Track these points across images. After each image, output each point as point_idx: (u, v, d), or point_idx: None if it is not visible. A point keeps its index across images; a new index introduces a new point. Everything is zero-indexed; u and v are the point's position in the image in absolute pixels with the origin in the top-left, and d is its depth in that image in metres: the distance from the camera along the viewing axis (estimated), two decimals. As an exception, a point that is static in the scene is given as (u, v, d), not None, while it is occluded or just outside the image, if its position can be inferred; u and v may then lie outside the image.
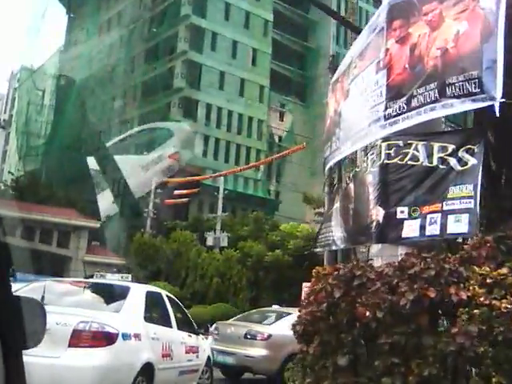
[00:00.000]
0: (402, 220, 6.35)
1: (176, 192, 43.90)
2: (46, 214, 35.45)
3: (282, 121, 60.34)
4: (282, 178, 57.71)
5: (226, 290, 33.97)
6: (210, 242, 39.75)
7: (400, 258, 6.48)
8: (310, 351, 6.06)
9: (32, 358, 1.96)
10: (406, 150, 6.50)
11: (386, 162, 6.70)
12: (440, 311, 5.26)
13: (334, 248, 8.71)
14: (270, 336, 11.16)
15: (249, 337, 11.20)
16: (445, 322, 5.26)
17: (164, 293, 8.80)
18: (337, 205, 8.70)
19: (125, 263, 38.43)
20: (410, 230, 6.22)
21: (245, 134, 55.64)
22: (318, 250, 9.64)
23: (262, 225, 36.84)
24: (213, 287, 33.71)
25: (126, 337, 6.51)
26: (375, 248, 6.82)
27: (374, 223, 6.75)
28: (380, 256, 6.16)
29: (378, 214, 6.69)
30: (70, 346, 6.03)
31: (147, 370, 6.82)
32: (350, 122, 7.72)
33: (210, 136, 53.97)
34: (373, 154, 7.11)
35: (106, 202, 44.94)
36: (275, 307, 22.58)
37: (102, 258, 37.55)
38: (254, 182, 55.04)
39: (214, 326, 12.69)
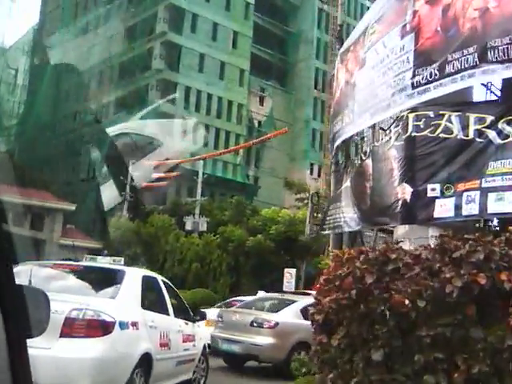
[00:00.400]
0: (434, 198, 5.74)
1: (154, 175, 42.91)
2: (19, 195, 34.19)
3: (262, 105, 59.53)
4: (261, 163, 57.07)
5: (206, 274, 33.41)
6: (188, 226, 38.99)
7: (431, 241, 5.88)
8: (333, 343, 5.41)
9: None
10: (438, 122, 5.88)
11: (414, 134, 6.08)
12: (489, 300, 4.66)
13: (346, 230, 8.11)
14: (277, 324, 10.99)
15: (255, 325, 10.94)
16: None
17: (160, 277, 8.20)
18: (346, 184, 8.08)
19: (101, 247, 37.50)
20: (444, 209, 5.62)
21: (224, 117, 54.71)
22: (326, 232, 9.03)
23: (243, 209, 36.18)
24: (192, 272, 33.08)
25: (123, 325, 5.97)
26: (401, 230, 6.22)
27: (400, 202, 6.14)
28: (407, 239, 5.51)
29: (404, 192, 6.07)
30: (61, 335, 5.46)
31: (145, 360, 6.32)
32: (368, 93, 7.08)
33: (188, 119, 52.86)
34: (398, 126, 6.46)
35: (109, 192, 43.37)
36: (261, 293, 22.12)
37: (77, 242, 36.49)
38: (232, 167, 54.25)
39: (217, 313, 12.40)
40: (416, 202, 5.97)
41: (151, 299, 7.43)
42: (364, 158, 7.35)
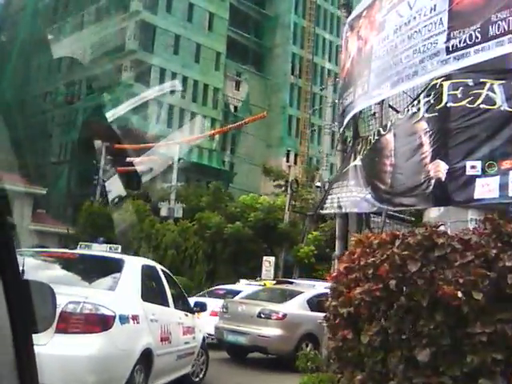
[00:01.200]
0: (474, 177, 5.07)
1: (128, 159, 41.69)
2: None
3: (238, 90, 58.54)
4: (236, 149, 56.20)
5: (182, 262, 32.56)
6: (163, 212, 38.05)
7: (471, 225, 5.20)
8: (362, 340, 4.70)
9: None
10: (478, 91, 5.19)
11: (449, 105, 5.38)
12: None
13: (355, 210, 7.41)
14: (285, 315, 10.83)
15: (263, 316, 10.80)
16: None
17: (159, 266, 7.70)
18: (356, 163, 7.37)
19: (73, 233, 36.38)
20: (486, 189, 4.94)
21: (200, 101, 53.58)
22: (326, 211, 8.34)
23: (221, 196, 35.38)
24: (167, 259, 32.10)
25: (123, 320, 5.54)
26: (433, 213, 5.55)
27: (433, 181, 5.44)
28: (441, 222, 4.81)
29: (437, 169, 5.37)
30: (57, 331, 4.93)
31: (146, 356, 5.91)
32: (388, 60, 6.34)
33: (163, 102, 51.63)
34: (429, 95, 5.74)
35: (115, 187, 41.85)
36: (243, 282, 21.45)
37: (48, 227, 35.27)
38: (208, 153, 53.26)
39: (222, 303, 11.99)
40: (452, 182, 5.29)
41: (151, 290, 6.97)
42: (383, 132, 6.62)
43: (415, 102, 6.01)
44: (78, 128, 50.06)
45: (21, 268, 4.51)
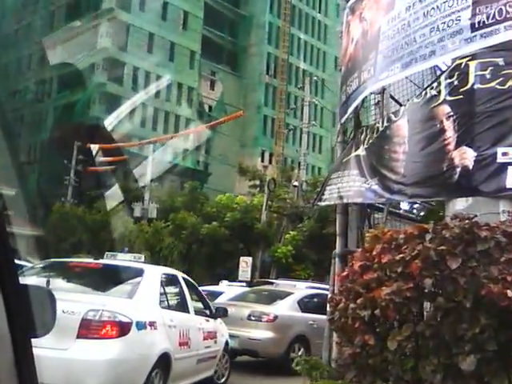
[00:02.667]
0: (506, 165, 4.60)
1: (100, 159, 40.65)
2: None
3: (213, 90, 57.88)
4: (211, 149, 55.48)
5: (156, 263, 31.69)
6: (137, 212, 37.24)
7: (503, 217, 4.72)
8: (389, 346, 4.17)
9: (37, 349, 1.62)
10: (510, 71, 4.73)
11: (477, 86, 4.91)
12: None
13: (360, 201, 6.91)
14: (276, 317, 10.54)
15: (253, 318, 10.51)
16: None
17: (180, 274, 7.99)
18: (358, 152, 6.87)
19: (42, 235, 35.27)
20: (520, 178, 4.49)
21: (174, 100, 52.73)
22: (324, 203, 7.83)
23: (197, 195, 34.71)
24: (141, 261, 31.39)
25: (140, 326, 5.89)
26: (460, 204, 5.06)
27: (458, 170, 4.95)
28: (470, 214, 4.32)
29: (463, 157, 4.89)
30: (78, 337, 5.42)
31: (163, 360, 6.22)
32: (399, 40, 5.85)
33: (136, 101, 50.63)
34: (452, 77, 5.25)
35: (113, 196, 40.49)
36: (224, 283, 20.86)
37: (17, 229, 34.04)
38: (182, 153, 52.42)
39: None
40: (481, 170, 4.82)
41: (170, 297, 7.30)
42: (395, 118, 6.13)
43: (434, 85, 5.53)
44: (49, 127, 48.82)
45: (46, 278, 4.44)
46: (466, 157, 4.92)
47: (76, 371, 5.31)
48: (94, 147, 42.51)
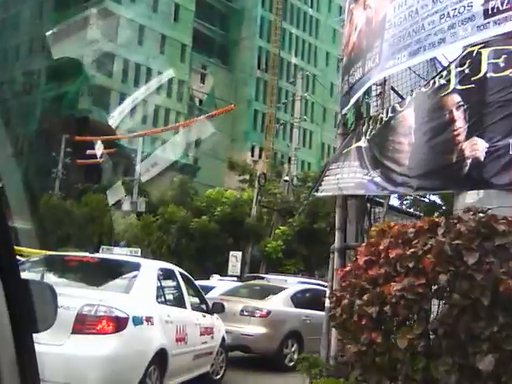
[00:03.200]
0: (519, 156, 4.40)
1: (89, 152, 40.18)
2: None
3: (203, 83, 57.46)
4: (201, 143, 55.09)
5: (144, 257, 31.44)
6: (126, 206, 36.86)
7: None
8: (399, 345, 3.96)
9: None
10: (524, 60, 4.53)
11: (489, 75, 4.70)
12: None
13: (362, 192, 6.70)
14: (269, 312, 10.43)
15: (246, 313, 10.33)
16: None
17: (177, 269, 7.82)
18: (360, 144, 6.65)
19: (29, 227, 34.73)
20: (534, 170, 4.29)
21: (164, 94, 52.25)
22: (321, 194, 7.62)
23: (187, 189, 34.42)
24: (130, 255, 31.07)
25: (136, 321, 5.77)
26: (470, 197, 4.85)
27: (469, 161, 4.74)
28: (484, 207, 4.12)
29: (474, 148, 4.68)
30: (73, 332, 5.31)
31: (160, 357, 6.12)
32: (406, 28, 5.62)
33: (126, 94, 50.13)
34: (463, 65, 5.03)
35: (116, 192, 39.82)
36: (216, 277, 20.64)
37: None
38: (172, 146, 52.01)
39: None
40: (493, 162, 4.62)
41: (167, 292, 7.24)
42: (400, 108, 5.91)
43: (444, 73, 5.31)
44: (37, 119, 48.21)
45: (41, 272, 4.22)
46: (477, 148, 4.71)
47: (71, 367, 5.22)
48: (82, 140, 42.09)
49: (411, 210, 11.98)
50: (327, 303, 7.42)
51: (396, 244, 4.36)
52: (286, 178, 33.01)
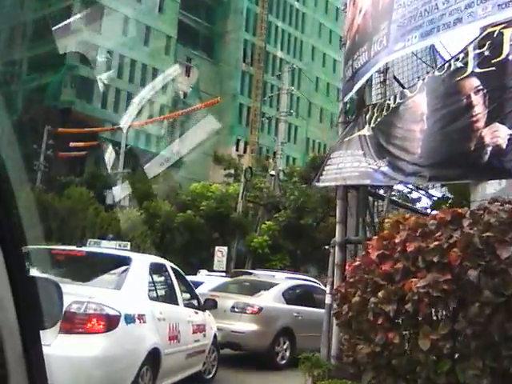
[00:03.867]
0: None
1: (71, 144, 39.50)
2: None
3: (188, 76, 56.80)
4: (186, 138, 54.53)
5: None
6: (109, 200, 36.30)
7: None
8: (422, 346, 3.63)
9: None
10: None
11: (512, 57, 4.40)
12: None
13: (368, 182, 6.40)
14: (261, 309, 10.06)
15: (237, 310, 10.03)
16: None
17: (168, 264, 7.51)
18: (363, 132, 6.33)
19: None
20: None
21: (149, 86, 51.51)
22: (322, 184, 7.30)
23: (172, 183, 33.97)
24: (113, 249, 30.51)
25: (129, 319, 5.47)
26: (491, 187, 4.56)
27: (489, 149, 4.44)
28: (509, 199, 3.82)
29: (495, 135, 4.38)
30: (61, 331, 4.87)
31: (153, 356, 5.82)
32: (416, 8, 5.30)
33: (110, 86, 49.46)
34: (482, 46, 4.72)
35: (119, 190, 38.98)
36: (204, 272, 20.30)
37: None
38: (156, 139, 51.44)
39: None
40: (517, 149, 4.31)
41: (159, 288, 6.97)
42: (410, 94, 5.59)
43: (460, 56, 4.99)
44: (18, 110, 47.27)
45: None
46: (498, 135, 4.41)
47: (59, 369, 4.70)
48: (65, 132, 41.36)
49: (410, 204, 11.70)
50: (328, 300, 7.13)
51: (414, 237, 4.05)
52: (272, 172, 32.68)
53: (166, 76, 47.61)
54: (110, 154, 41.35)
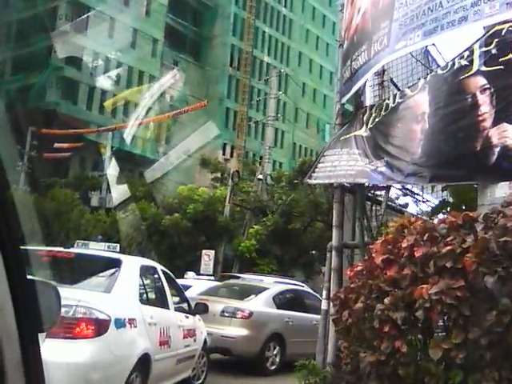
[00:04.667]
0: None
1: (56, 145, 39.03)
2: None
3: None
4: (172, 140, 54.22)
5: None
6: (94, 202, 35.98)
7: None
8: (432, 355, 3.49)
9: None
10: None
11: (522, 56, 4.29)
12: None
13: (365, 181, 6.28)
14: (251, 314, 9.91)
15: (226, 314, 9.92)
16: None
17: (159, 267, 7.42)
18: (360, 132, 6.21)
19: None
20: None
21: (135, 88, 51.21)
22: (315, 181, 7.14)
23: (158, 186, 33.72)
24: (98, 252, 30.13)
25: (119, 324, 5.30)
26: (500, 190, 4.42)
27: (497, 150, 4.33)
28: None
29: (503, 135, 4.28)
30: (48, 336, 4.50)
31: (143, 362, 5.66)
32: (419, 6, 5.20)
33: (95, 88, 49.04)
34: (489, 44, 4.61)
35: (118, 192, 38.38)
36: (191, 274, 20.06)
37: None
38: (142, 142, 51.08)
39: None
40: (526, 150, 4.19)
41: (150, 292, 6.84)
42: (411, 93, 5.47)
43: (465, 54, 4.88)
44: (1, 110, 46.64)
45: None
46: (506, 135, 4.31)
47: (46, 375, 4.38)
48: (50, 133, 40.87)
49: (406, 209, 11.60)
50: (324, 305, 6.98)
51: (422, 242, 3.91)
52: (260, 176, 32.51)
53: (164, 82, 47.39)
54: (94, 156, 41.00)
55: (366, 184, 6.71)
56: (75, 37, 47.19)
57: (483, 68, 4.67)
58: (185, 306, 7.83)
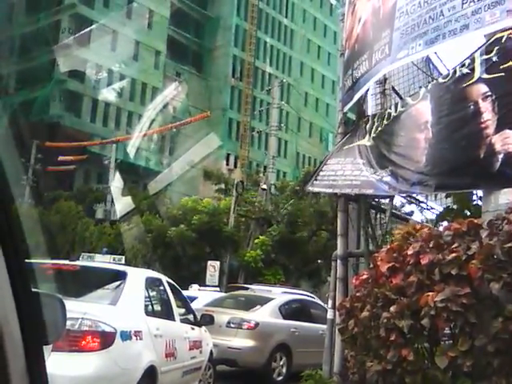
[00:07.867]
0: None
1: (60, 158, 39.16)
2: None
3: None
4: (175, 151, 54.35)
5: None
6: (99, 214, 36.03)
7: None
8: (439, 363, 3.48)
9: None
10: None
11: (524, 64, 4.31)
12: None
13: (370, 192, 6.26)
14: (257, 324, 9.86)
15: (232, 325, 9.88)
16: None
17: (164, 278, 7.39)
18: (363, 142, 6.22)
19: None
20: None
21: (137, 100, 51.47)
22: (315, 189, 7.14)
23: (162, 198, 33.77)
24: (103, 264, 30.15)
25: (125, 336, 5.27)
26: (504, 197, 4.42)
27: (500, 156, 4.34)
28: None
29: (506, 142, 4.30)
30: (54, 349, 4.41)
31: (149, 374, 5.59)
32: (421, 15, 5.23)
33: (98, 100, 49.27)
34: (490, 52, 4.63)
35: (122, 203, 38.59)
36: (195, 287, 20.03)
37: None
38: (145, 154, 51.21)
39: None
40: (529, 157, 4.20)
41: (156, 303, 6.81)
42: (413, 102, 5.50)
43: (467, 62, 4.91)
44: (4, 124, 46.89)
45: None
46: (509, 142, 4.32)
47: None
48: (54, 146, 41.03)
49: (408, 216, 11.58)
50: (330, 315, 6.97)
51: (427, 249, 3.91)
52: (264, 186, 32.52)
53: (167, 95, 47.64)
54: (99, 169, 41.09)
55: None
56: (78, 50, 47.50)
57: (485, 76, 4.69)
58: (191, 317, 7.81)
